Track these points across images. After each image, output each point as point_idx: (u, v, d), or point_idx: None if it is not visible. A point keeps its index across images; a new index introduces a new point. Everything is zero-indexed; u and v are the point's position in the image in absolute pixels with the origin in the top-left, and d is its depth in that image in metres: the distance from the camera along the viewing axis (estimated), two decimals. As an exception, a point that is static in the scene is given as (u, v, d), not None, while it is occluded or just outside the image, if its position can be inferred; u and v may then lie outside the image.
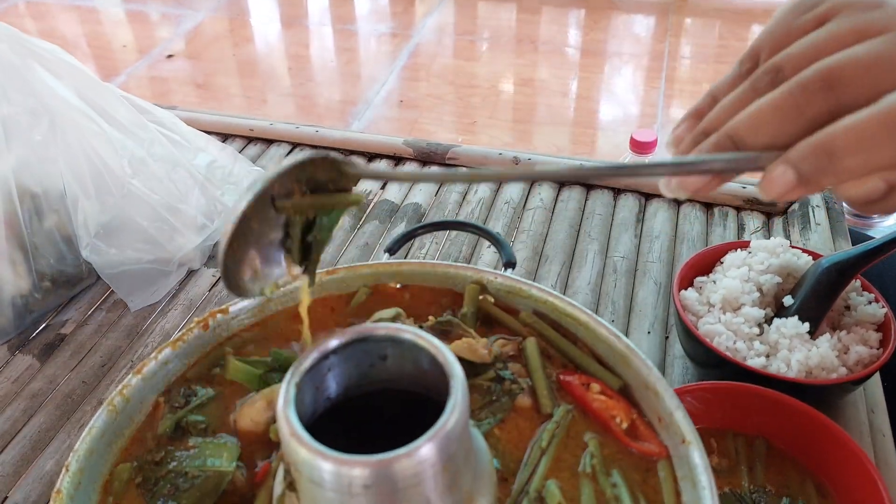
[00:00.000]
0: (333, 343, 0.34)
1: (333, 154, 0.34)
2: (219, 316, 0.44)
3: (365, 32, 2.74)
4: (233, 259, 0.32)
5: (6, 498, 0.54)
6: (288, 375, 0.32)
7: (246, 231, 0.32)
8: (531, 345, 0.43)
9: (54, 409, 0.61)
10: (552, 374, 0.42)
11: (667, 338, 0.64)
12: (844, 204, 0.55)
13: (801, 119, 0.29)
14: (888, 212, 0.30)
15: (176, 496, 0.36)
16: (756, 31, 2.55)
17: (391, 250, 0.55)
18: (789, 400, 0.49)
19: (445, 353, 0.33)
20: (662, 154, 1.68)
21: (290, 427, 0.30)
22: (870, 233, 1.37)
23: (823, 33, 0.31)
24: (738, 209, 0.78)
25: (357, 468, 0.29)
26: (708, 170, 0.31)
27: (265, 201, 0.32)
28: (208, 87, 2.34)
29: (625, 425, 0.39)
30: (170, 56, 2.49)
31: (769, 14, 2.66)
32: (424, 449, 0.29)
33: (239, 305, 0.45)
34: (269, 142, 0.91)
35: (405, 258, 0.71)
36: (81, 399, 0.61)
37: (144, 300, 0.68)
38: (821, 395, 0.52)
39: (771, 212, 0.78)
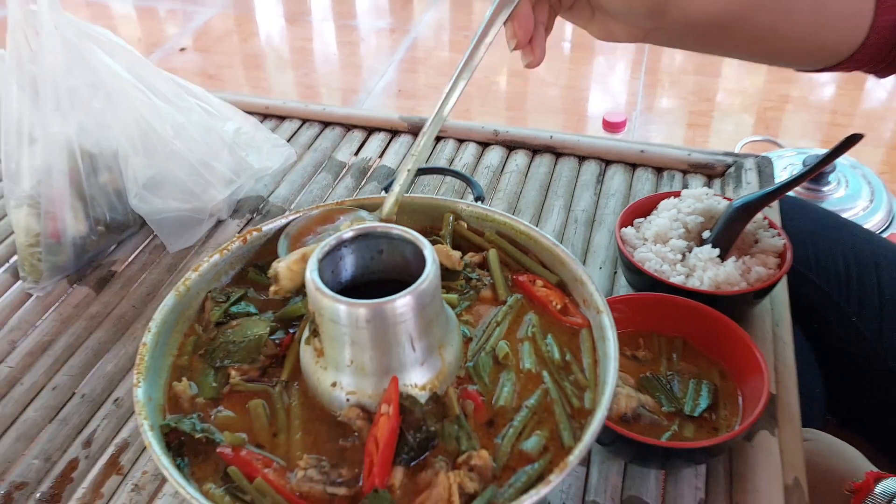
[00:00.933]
0: (347, 235, 0.47)
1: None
2: (254, 233, 0.57)
3: (365, 28, 2.88)
4: None
5: (74, 393, 0.68)
6: (315, 253, 0.45)
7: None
8: (493, 254, 0.56)
9: (110, 326, 0.74)
10: (508, 275, 0.56)
11: (615, 272, 0.78)
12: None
13: None
14: None
15: (229, 356, 0.50)
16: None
17: (387, 188, 0.68)
18: (702, 307, 0.62)
19: (424, 242, 0.46)
20: (634, 131, 1.80)
21: (315, 284, 0.43)
22: (815, 201, 1.50)
23: None
24: (685, 172, 0.92)
25: (362, 308, 0.42)
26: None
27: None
28: (218, 78, 2.48)
29: (559, 307, 0.52)
30: (182, 49, 2.62)
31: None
32: (405, 298, 0.43)
33: (269, 226, 0.58)
34: (282, 118, 1.05)
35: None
36: (133, 320, 0.75)
37: (181, 243, 0.82)
38: (729, 304, 0.65)
39: (711, 174, 0.91)
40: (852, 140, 0.66)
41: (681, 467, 0.57)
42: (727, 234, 0.68)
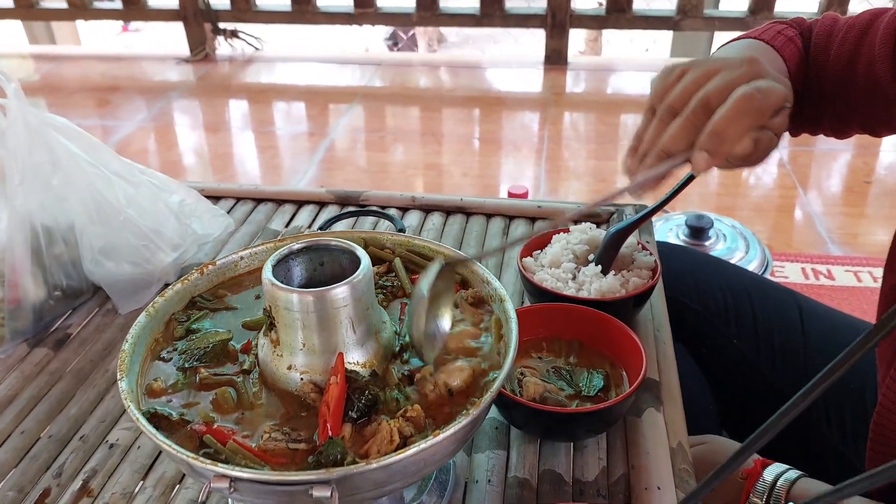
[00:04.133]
0: (296, 246, 0.58)
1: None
2: (210, 266, 0.67)
3: (284, 134, 3.04)
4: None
5: (41, 435, 0.73)
6: (269, 260, 0.56)
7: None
8: (397, 261, 0.68)
9: (71, 379, 0.80)
10: (408, 277, 0.67)
11: (523, 302, 0.90)
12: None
13: (698, 127, 0.57)
14: (759, 159, 0.58)
15: (197, 358, 0.59)
16: (623, 118, 3.00)
17: (322, 228, 0.80)
18: (591, 311, 0.75)
19: (357, 248, 0.58)
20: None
21: (271, 281, 0.54)
22: (697, 248, 1.69)
23: (688, 80, 0.60)
24: (576, 222, 1.07)
25: (309, 295, 0.53)
26: (658, 176, 0.59)
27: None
28: (142, 186, 2.56)
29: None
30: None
31: (632, 103, 3.14)
32: (344, 287, 0.54)
33: (223, 261, 0.68)
34: (217, 198, 1.15)
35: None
36: (90, 371, 0.81)
37: (132, 305, 0.90)
38: (615, 311, 0.78)
39: (598, 221, 1.06)
40: (690, 179, 0.83)
41: (584, 437, 0.68)
42: (606, 255, 0.82)
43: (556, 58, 3.46)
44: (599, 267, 0.80)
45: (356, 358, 0.55)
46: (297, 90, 3.45)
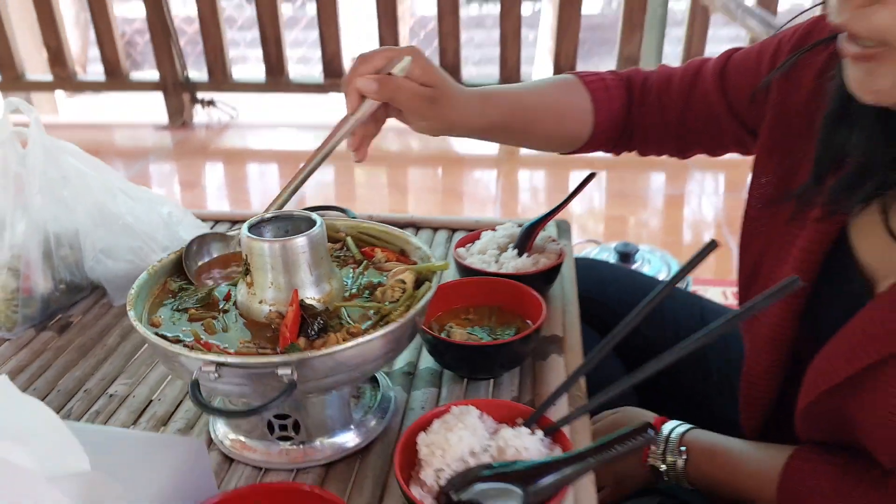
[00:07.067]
0: (266, 216, 0.76)
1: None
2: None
3: (257, 195, 3.22)
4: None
5: (52, 389, 0.88)
6: (245, 224, 0.73)
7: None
8: (349, 239, 0.86)
9: (74, 351, 0.95)
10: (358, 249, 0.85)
11: (458, 289, 1.08)
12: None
13: None
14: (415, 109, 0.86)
15: (191, 301, 0.75)
16: (572, 175, 3.23)
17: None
18: (509, 282, 0.93)
19: (314, 216, 0.76)
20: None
21: (248, 236, 0.71)
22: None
23: None
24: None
25: (276, 243, 0.70)
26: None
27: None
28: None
29: (393, 259, 0.82)
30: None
31: (584, 162, 3.38)
32: (303, 237, 0.71)
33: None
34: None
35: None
36: (92, 346, 0.96)
37: (125, 298, 1.05)
38: (528, 282, 0.95)
39: (520, 222, 1.25)
40: (588, 180, 1.02)
41: (500, 372, 0.85)
42: (523, 243, 1.01)
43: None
44: (517, 251, 0.99)
45: (313, 294, 0.72)
46: (269, 154, 3.66)
